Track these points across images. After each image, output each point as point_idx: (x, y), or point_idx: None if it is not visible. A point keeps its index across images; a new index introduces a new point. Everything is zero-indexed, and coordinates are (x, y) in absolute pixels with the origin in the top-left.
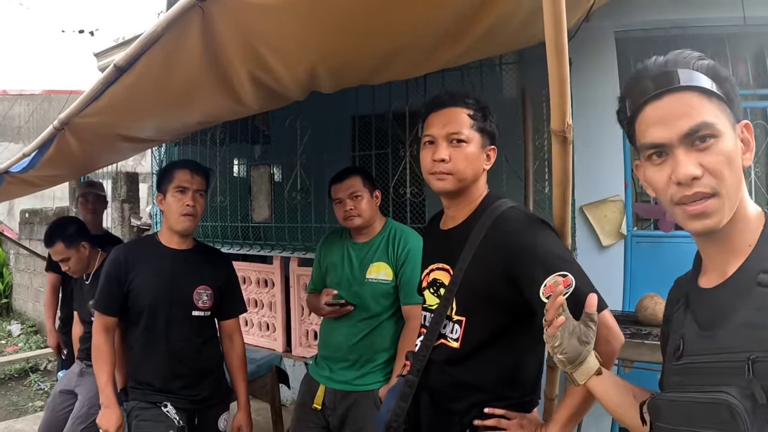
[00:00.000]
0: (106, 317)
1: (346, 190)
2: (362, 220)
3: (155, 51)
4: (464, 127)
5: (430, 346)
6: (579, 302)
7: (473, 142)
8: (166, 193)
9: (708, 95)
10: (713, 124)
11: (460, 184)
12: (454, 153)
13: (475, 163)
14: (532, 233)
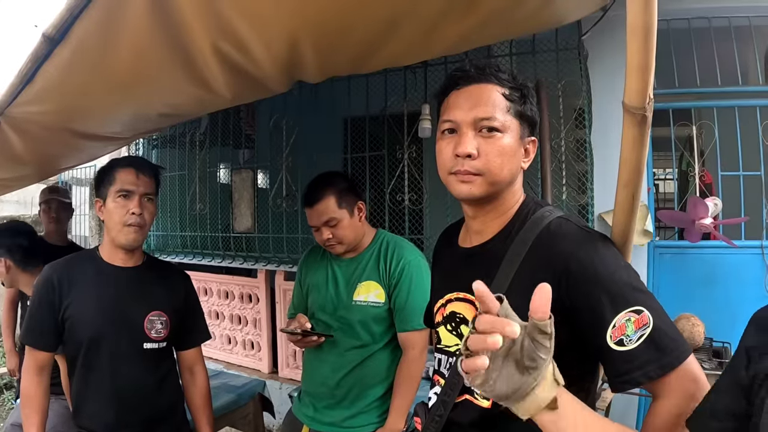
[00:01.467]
0: (37, 353)
1: (320, 216)
2: (344, 247)
3: (90, 14)
4: (498, 111)
5: (450, 403)
6: (659, 348)
7: (510, 131)
8: (107, 199)
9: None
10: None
11: (492, 189)
12: (484, 146)
13: (513, 159)
14: (595, 253)
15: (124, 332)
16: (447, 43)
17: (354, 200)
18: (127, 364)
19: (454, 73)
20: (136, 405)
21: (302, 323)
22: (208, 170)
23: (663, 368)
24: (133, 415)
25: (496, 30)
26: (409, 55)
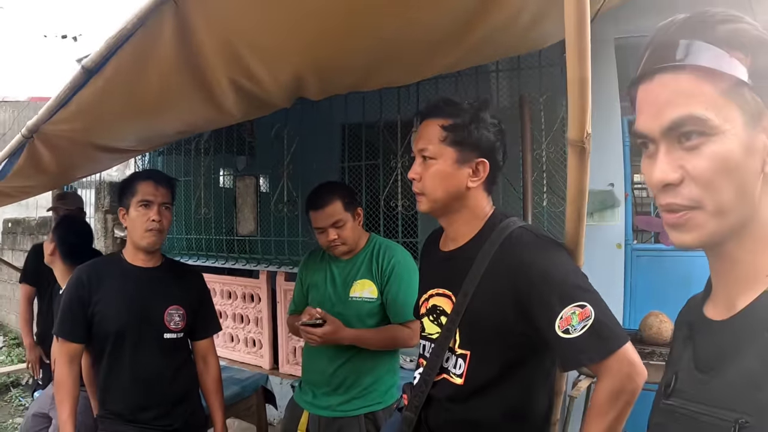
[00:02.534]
0: (69, 344)
1: (328, 219)
2: (347, 248)
3: (125, 51)
4: (431, 143)
5: (430, 382)
6: (600, 336)
7: (442, 157)
8: (129, 208)
9: (713, 77)
10: (704, 119)
11: (435, 206)
12: (423, 171)
13: (447, 181)
14: (546, 257)
15: (146, 324)
16: (440, 67)
17: (355, 206)
18: (149, 353)
19: (422, 108)
20: (157, 389)
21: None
22: (212, 176)
23: (602, 353)
24: (155, 398)
25: (486, 53)
26: (405, 79)
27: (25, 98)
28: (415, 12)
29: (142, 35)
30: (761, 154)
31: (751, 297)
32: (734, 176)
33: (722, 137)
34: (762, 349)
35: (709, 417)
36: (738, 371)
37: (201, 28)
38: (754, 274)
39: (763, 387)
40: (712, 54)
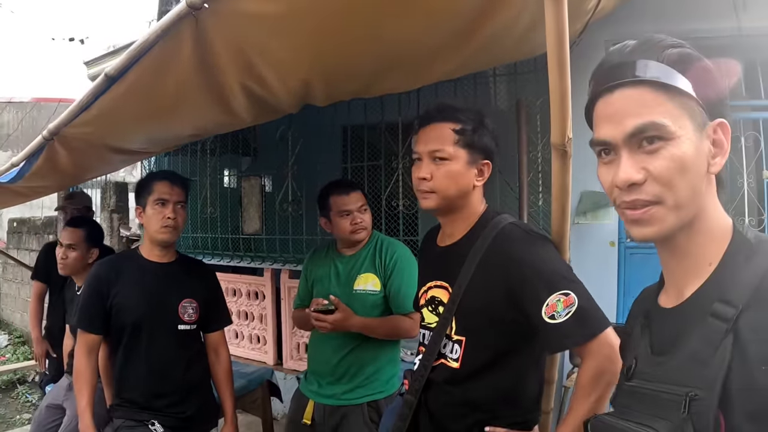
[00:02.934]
0: (89, 335)
1: (356, 202)
2: (367, 233)
3: (147, 60)
4: (447, 144)
5: (429, 366)
6: (582, 321)
7: (457, 159)
8: (146, 206)
9: (668, 91)
10: (664, 125)
11: (444, 203)
12: (435, 171)
13: (460, 180)
14: (534, 251)
15: (162, 316)
16: (439, 74)
17: None
18: (164, 343)
19: (423, 114)
20: (172, 378)
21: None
22: (217, 177)
23: (585, 337)
24: (169, 386)
25: (483, 61)
26: (406, 86)
27: (29, 99)
28: (417, 23)
29: (162, 46)
30: (706, 157)
31: (697, 285)
32: (688, 175)
33: (678, 141)
34: (706, 331)
35: (666, 393)
36: (687, 352)
37: (218, 39)
38: (700, 264)
39: (709, 364)
40: (665, 71)
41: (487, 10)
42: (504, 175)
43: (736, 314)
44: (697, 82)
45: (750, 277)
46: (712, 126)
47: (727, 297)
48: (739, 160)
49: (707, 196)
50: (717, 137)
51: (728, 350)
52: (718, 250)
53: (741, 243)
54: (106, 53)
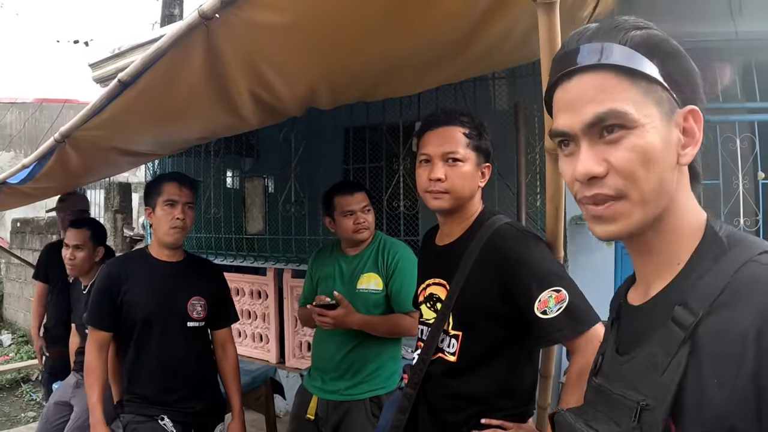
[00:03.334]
0: (99, 332)
1: (360, 202)
2: (369, 233)
3: (159, 67)
4: (460, 146)
5: (427, 360)
6: (573, 317)
7: (469, 160)
8: (155, 207)
9: (631, 76)
10: (625, 113)
11: (457, 203)
12: (450, 172)
13: (471, 181)
14: (527, 249)
15: (171, 313)
16: (440, 79)
17: None
18: (174, 340)
19: (429, 118)
20: (181, 373)
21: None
22: (221, 177)
23: (575, 331)
24: (179, 381)
25: (482, 66)
26: (408, 90)
27: (32, 99)
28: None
29: (174, 53)
30: (676, 147)
31: (663, 285)
32: (654, 167)
33: (642, 130)
34: (664, 336)
35: (621, 396)
36: (645, 355)
37: (228, 48)
38: (669, 262)
39: (663, 372)
40: (627, 55)
41: (482, 22)
42: (503, 177)
43: (695, 321)
44: (666, 66)
45: (714, 282)
46: (682, 113)
47: (689, 301)
48: (734, 161)
49: (678, 189)
50: (688, 125)
51: (684, 359)
52: (687, 249)
53: (711, 242)
54: (110, 56)
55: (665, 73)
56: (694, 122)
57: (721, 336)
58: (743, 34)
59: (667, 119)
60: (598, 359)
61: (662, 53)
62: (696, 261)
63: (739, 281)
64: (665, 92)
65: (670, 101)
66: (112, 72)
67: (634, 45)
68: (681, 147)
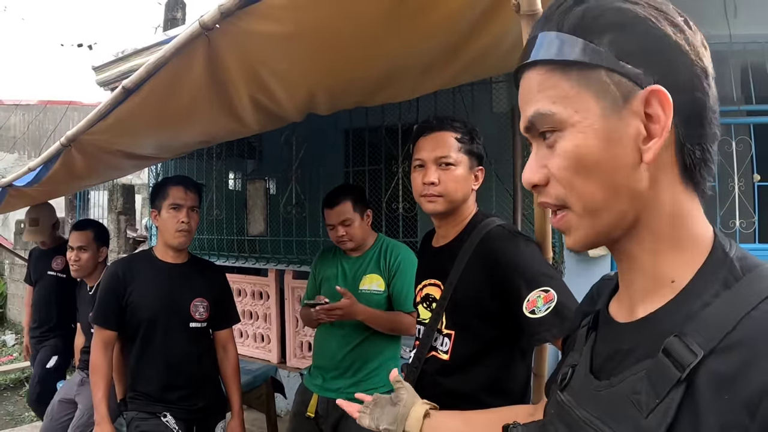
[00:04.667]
0: (105, 331)
1: (338, 216)
2: (354, 244)
3: (162, 74)
4: (452, 150)
5: (422, 359)
6: (561, 316)
7: (461, 164)
8: (161, 210)
9: (563, 67)
10: (549, 114)
11: (451, 206)
12: (443, 176)
13: (464, 184)
14: (516, 250)
15: (174, 314)
16: (436, 84)
17: (365, 207)
18: (176, 340)
19: (422, 124)
20: (184, 372)
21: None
22: (223, 180)
23: (563, 330)
24: (182, 380)
25: (476, 72)
26: (405, 95)
27: (35, 101)
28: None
29: (177, 62)
30: (633, 142)
31: (653, 306)
32: (595, 172)
33: (572, 131)
34: (653, 370)
35: (592, 429)
36: (626, 387)
37: (228, 57)
38: (657, 278)
39: (647, 414)
40: (560, 43)
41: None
42: (501, 179)
43: (696, 362)
44: (616, 41)
45: (725, 313)
46: (640, 97)
47: (688, 333)
48: (729, 163)
49: (657, 191)
50: (651, 111)
51: (675, 405)
52: (685, 266)
53: (721, 263)
54: (114, 60)
55: (617, 49)
56: (659, 106)
57: (729, 385)
58: (738, 37)
59: (613, 110)
60: (567, 372)
61: (607, 26)
62: (700, 283)
63: (756, 321)
64: (612, 75)
65: (620, 85)
66: (116, 75)
67: (571, 27)
68: (643, 141)
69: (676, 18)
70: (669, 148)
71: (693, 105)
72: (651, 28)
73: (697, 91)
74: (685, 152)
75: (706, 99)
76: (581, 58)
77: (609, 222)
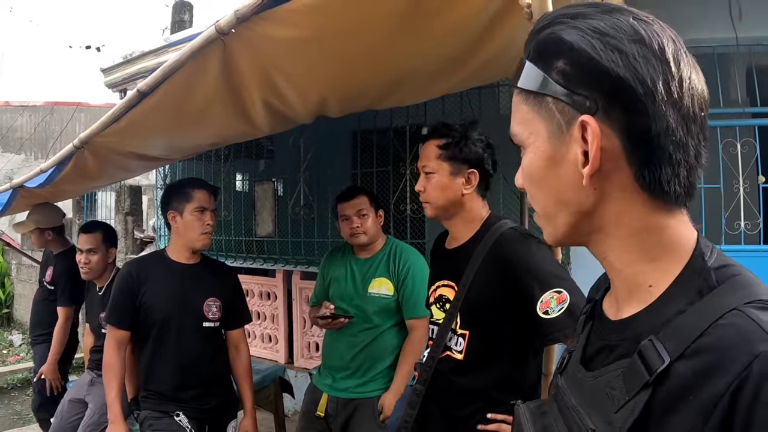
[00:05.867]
0: (118, 331)
1: (354, 207)
2: (367, 238)
3: (176, 78)
4: (430, 160)
5: (436, 358)
6: (574, 317)
7: (439, 171)
8: (183, 212)
9: (524, 93)
10: (515, 134)
11: (437, 212)
12: (426, 184)
13: (446, 190)
14: (529, 252)
15: (187, 314)
16: (442, 90)
17: (377, 207)
18: (190, 339)
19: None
20: (197, 371)
21: (328, 305)
22: (231, 181)
23: (575, 331)
24: (195, 379)
25: (484, 77)
26: (414, 99)
27: (42, 103)
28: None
29: (192, 65)
30: (573, 165)
31: (634, 309)
32: (542, 186)
33: (528, 150)
34: (628, 369)
35: (576, 416)
36: (605, 381)
37: (243, 61)
38: (634, 283)
39: (618, 408)
40: (523, 70)
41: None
42: (508, 181)
43: (663, 368)
44: (564, 69)
45: (693, 323)
46: (577, 125)
47: (662, 339)
48: (735, 165)
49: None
50: (587, 137)
51: (641, 405)
52: (662, 273)
53: (698, 273)
54: (122, 62)
55: (564, 77)
56: (591, 134)
57: (692, 388)
58: (744, 40)
59: (557, 135)
60: (565, 357)
61: (554, 54)
62: (677, 290)
63: (722, 329)
64: (557, 102)
65: (563, 113)
66: (124, 77)
67: (531, 54)
68: (581, 164)
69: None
70: (622, 170)
71: (638, 129)
72: (592, 57)
73: (642, 116)
74: (638, 175)
75: (654, 123)
76: (531, 87)
77: (565, 228)
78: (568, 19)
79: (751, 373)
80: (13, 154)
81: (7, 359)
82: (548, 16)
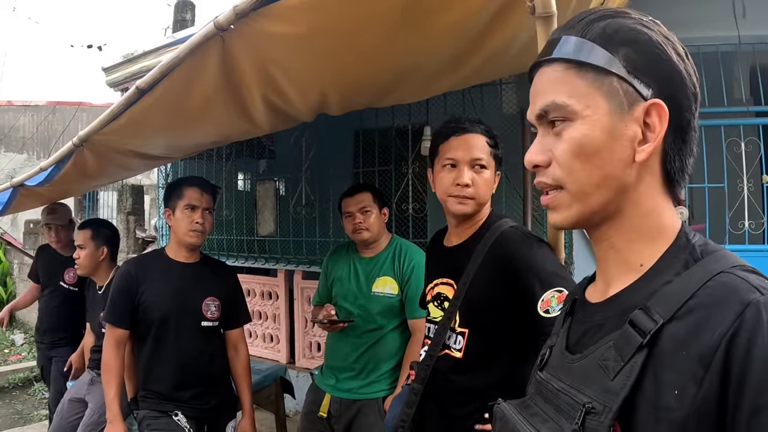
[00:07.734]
0: (117, 330)
1: (357, 204)
2: (370, 234)
3: (175, 75)
4: (485, 153)
5: (434, 356)
6: None
7: (491, 167)
8: (176, 209)
9: (578, 68)
10: (564, 105)
11: (478, 208)
12: (476, 178)
13: (491, 187)
14: (531, 251)
15: (186, 313)
16: (444, 87)
17: (382, 205)
18: (188, 338)
19: (452, 124)
20: (196, 370)
21: (329, 312)
22: (233, 180)
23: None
24: (193, 379)
25: (486, 74)
26: (415, 97)
27: (44, 102)
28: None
29: (191, 62)
30: (630, 142)
31: (623, 285)
32: (593, 160)
33: (581, 122)
34: (620, 339)
35: (567, 396)
36: (596, 356)
37: (242, 57)
38: (628, 262)
39: (614, 376)
40: (581, 47)
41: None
42: (511, 180)
43: (656, 328)
44: (629, 55)
45: (682, 287)
46: (642, 107)
47: (651, 306)
48: (738, 164)
49: (642, 188)
50: (649, 120)
51: (638, 366)
52: (653, 252)
53: (682, 248)
54: (123, 61)
55: (629, 63)
56: (657, 117)
57: (686, 344)
58: (747, 38)
59: (618, 112)
60: (545, 353)
61: (623, 42)
62: (663, 265)
63: (712, 288)
64: (622, 83)
65: (627, 93)
66: (126, 76)
67: (593, 36)
68: (638, 143)
69: (679, 47)
70: (656, 155)
71: (682, 122)
72: (659, 51)
73: (687, 112)
74: (668, 160)
75: (692, 119)
76: (601, 63)
77: (595, 206)
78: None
79: (745, 320)
80: (16, 153)
81: (8, 358)
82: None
